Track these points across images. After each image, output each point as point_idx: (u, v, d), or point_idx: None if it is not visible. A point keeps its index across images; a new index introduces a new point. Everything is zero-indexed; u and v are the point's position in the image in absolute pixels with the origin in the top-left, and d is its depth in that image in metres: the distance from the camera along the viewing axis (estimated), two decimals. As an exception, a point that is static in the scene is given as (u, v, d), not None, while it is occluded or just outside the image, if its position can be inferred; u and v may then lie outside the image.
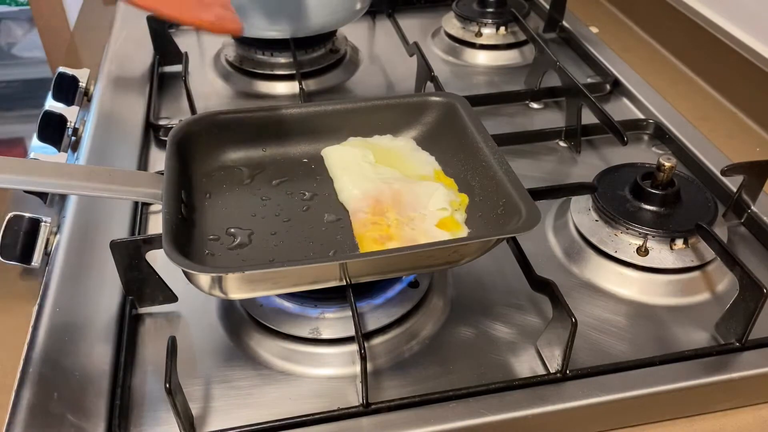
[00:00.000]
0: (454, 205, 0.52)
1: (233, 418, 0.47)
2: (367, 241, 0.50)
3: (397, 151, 0.58)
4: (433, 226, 0.51)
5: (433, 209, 0.52)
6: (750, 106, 0.82)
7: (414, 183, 0.55)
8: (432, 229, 0.50)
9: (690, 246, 0.58)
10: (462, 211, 0.52)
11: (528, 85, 0.85)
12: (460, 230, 0.51)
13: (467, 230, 0.51)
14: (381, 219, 0.52)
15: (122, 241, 0.50)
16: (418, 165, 0.57)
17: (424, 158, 0.58)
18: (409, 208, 0.52)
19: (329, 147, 0.59)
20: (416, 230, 0.51)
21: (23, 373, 0.49)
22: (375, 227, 0.51)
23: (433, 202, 0.52)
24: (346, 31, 0.93)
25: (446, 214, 0.51)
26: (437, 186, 0.54)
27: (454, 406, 0.47)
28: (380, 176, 0.55)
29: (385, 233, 0.50)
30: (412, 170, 0.56)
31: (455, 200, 0.53)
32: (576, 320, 0.46)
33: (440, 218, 0.51)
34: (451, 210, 0.52)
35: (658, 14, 0.98)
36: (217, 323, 0.54)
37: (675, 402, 0.49)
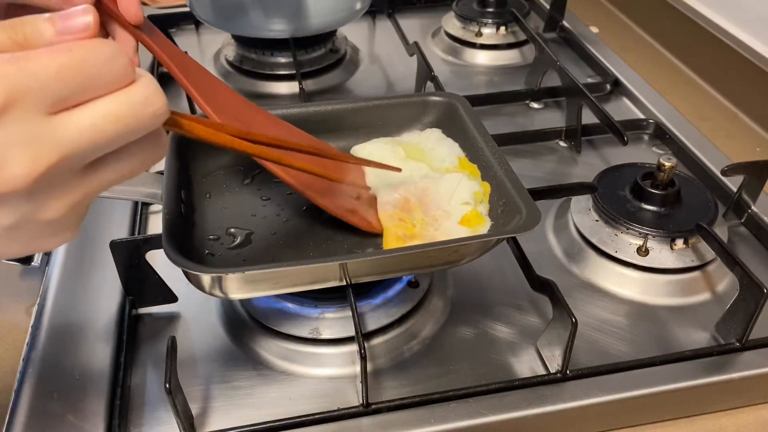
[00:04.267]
0: (478, 196, 0.52)
1: (233, 418, 0.47)
2: (392, 236, 0.50)
3: (423, 145, 0.58)
4: (456, 224, 0.50)
5: (456, 204, 0.52)
6: (750, 106, 0.82)
7: (438, 178, 0.54)
8: (455, 227, 0.50)
9: (690, 246, 0.58)
10: (485, 201, 0.52)
11: (528, 85, 0.85)
12: (483, 224, 0.50)
13: (490, 222, 0.51)
14: (408, 217, 0.52)
15: (122, 241, 0.50)
16: (442, 156, 0.57)
17: (449, 146, 0.57)
18: (434, 206, 0.52)
19: (357, 145, 0.58)
20: (439, 230, 0.50)
21: (23, 373, 0.49)
22: (401, 224, 0.51)
23: (456, 196, 0.52)
24: (346, 31, 0.93)
25: (469, 209, 0.51)
26: (460, 178, 0.53)
27: (454, 406, 0.47)
28: (408, 173, 0.55)
29: (409, 232, 0.50)
30: (439, 162, 0.56)
31: (479, 191, 0.52)
32: (576, 320, 0.46)
33: (464, 214, 0.51)
34: (474, 203, 0.51)
35: (658, 14, 0.98)
36: (217, 323, 0.54)
37: (675, 402, 0.49)
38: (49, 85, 0.27)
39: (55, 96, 0.27)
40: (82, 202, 0.31)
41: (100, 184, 0.31)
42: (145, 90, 0.30)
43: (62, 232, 0.31)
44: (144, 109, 0.29)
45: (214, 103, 0.50)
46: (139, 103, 0.29)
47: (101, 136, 0.29)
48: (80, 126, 0.28)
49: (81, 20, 0.30)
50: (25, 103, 0.27)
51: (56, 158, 0.27)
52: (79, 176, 0.30)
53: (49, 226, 0.30)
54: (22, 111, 0.27)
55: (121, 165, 0.31)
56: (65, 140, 0.28)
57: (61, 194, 0.29)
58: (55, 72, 0.27)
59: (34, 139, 0.27)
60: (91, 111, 0.28)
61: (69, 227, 0.31)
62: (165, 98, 0.30)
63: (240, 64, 0.86)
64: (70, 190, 0.30)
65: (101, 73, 0.28)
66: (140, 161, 0.32)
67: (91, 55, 0.28)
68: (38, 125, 0.27)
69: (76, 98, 0.28)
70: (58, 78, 0.27)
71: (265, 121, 0.54)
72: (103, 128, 0.28)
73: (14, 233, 0.29)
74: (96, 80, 0.28)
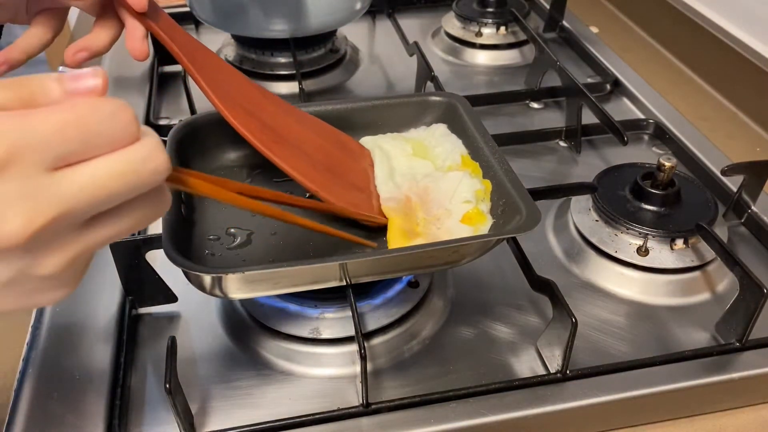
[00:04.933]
0: (479, 194, 0.52)
1: (233, 418, 0.47)
2: (397, 229, 0.50)
3: (428, 142, 0.58)
4: (458, 222, 0.50)
5: (458, 202, 0.52)
6: (750, 106, 0.82)
7: (440, 177, 0.54)
8: (456, 226, 0.50)
9: (690, 246, 0.58)
10: (487, 200, 0.52)
11: (528, 85, 0.85)
12: (485, 222, 0.50)
13: (491, 220, 0.51)
14: (411, 214, 0.52)
15: (122, 241, 0.50)
16: (445, 153, 0.57)
17: (452, 143, 0.57)
18: (435, 205, 0.52)
19: (367, 137, 0.58)
20: (441, 229, 0.50)
21: (23, 373, 0.49)
22: (406, 218, 0.51)
23: (458, 194, 0.52)
24: (346, 31, 0.93)
25: (471, 207, 0.51)
26: (462, 176, 0.53)
27: (454, 406, 0.47)
28: (412, 171, 0.55)
29: (413, 229, 0.50)
30: (441, 160, 0.56)
31: (480, 189, 0.52)
32: (576, 320, 0.46)
33: (465, 212, 0.51)
34: (475, 201, 0.51)
35: (658, 14, 0.98)
36: (217, 323, 0.54)
37: (675, 402, 0.49)
38: (50, 142, 0.27)
39: (56, 153, 0.27)
40: (80, 258, 0.30)
41: (99, 239, 0.31)
42: (146, 147, 0.29)
43: (60, 288, 0.31)
44: (144, 166, 0.29)
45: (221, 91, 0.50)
46: (140, 160, 0.29)
47: (101, 192, 0.28)
48: (80, 182, 0.28)
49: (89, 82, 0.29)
50: (25, 160, 0.26)
51: (54, 214, 0.27)
52: (78, 232, 0.30)
53: (46, 282, 0.30)
54: (22, 167, 0.26)
55: (122, 221, 0.31)
56: (64, 197, 0.27)
57: (58, 250, 0.29)
58: (57, 129, 0.27)
59: (32, 196, 0.27)
60: (92, 168, 0.28)
61: (67, 283, 0.31)
62: (167, 156, 0.30)
63: (240, 64, 0.86)
64: (67, 246, 0.29)
65: (103, 131, 0.28)
66: (141, 217, 0.31)
67: (93, 113, 0.28)
68: (37, 181, 0.27)
69: (77, 155, 0.28)
70: (59, 135, 0.27)
71: (275, 109, 0.54)
72: (103, 185, 0.28)
73: (10, 289, 0.29)
74: (98, 138, 0.28)
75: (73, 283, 0.32)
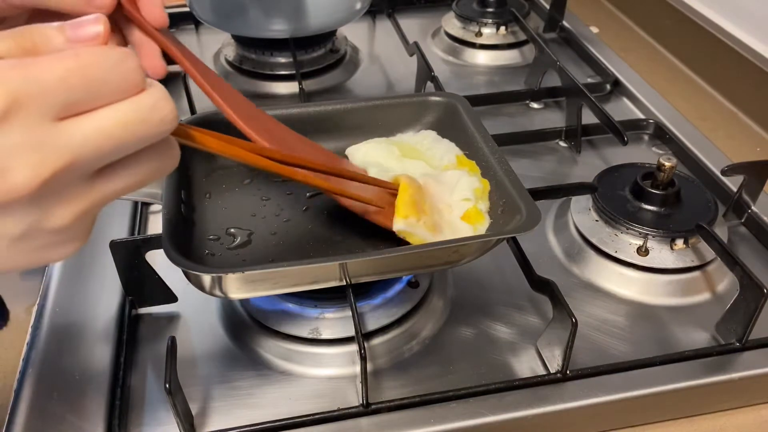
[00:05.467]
0: (478, 193, 0.52)
1: (233, 418, 0.47)
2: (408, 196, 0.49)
3: (419, 146, 0.58)
4: (458, 219, 0.50)
5: (457, 199, 0.52)
6: (750, 106, 0.82)
7: (438, 175, 0.54)
8: (457, 222, 0.50)
9: (690, 246, 0.58)
10: (485, 199, 0.52)
11: (528, 85, 0.85)
12: (483, 221, 0.50)
13: (489, 220, 0.51)
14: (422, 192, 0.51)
15: (122, 241, 0.50)
16: (440, 154, 0.57)
17: (445, 146, 0.57)
18: (436, 200, 0.52)
19: (353, 146, 0.58)
20: (443, 220, 0.50)
21: (23, 373, 0.49)
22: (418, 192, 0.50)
23: (457, 192, 0.52)
24: (346, 31, 0.93)
25: (470, 205, 0.51)
26: (461, 174, 0.53)
27: (454, 406, 0.47)
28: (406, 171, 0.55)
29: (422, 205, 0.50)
30: (437, 161, 0.56)
31: (478, 187, 0.52)
32: (576, 320, 0.46)
33: (465, 210, 0.51)
34: (474, 199, 0.51)
35: (658, 14, 0.98)
36: (217, 323, 0.54)
37: (675, 402, 0.49)
38: (54, 90, 0.27)
39: (60, 102, 0.27)
40: (89, 211, 0.30)
41: (107, 192, 0.30)
42: (153, 97, 0.29)
43: (70, 242, 0.31)
44: (152, 115, 0.29)
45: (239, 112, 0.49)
46: (148, 109, 0.29)
47: (108, 142, 0.28)
48: (86, 132, 0.27)
49: (91, 29, 0.29)
50: (29, 109, 0.26)
51: (61, 164, 0.27)
52: (87, 184, 0.29)
53: (56, 235, 0.30)
54: (26, 117, 0.26)
55: (130, 174, 0.30)
56: (70, 146, 0.27)
57: (67, 202, 0.29)
58: (61, 77, 0.27)
59: (37, 145, 0.26)
60: (98, 117, 0.28)
61: (77, 236, 0.31)
62: (174, 106, 0.30)
63: (240, 64, 0.86)
64: (76, 198, 0.29)
65: (108, 79, 0.28)
66: (150, 170, 0.31)
67: (98, 61, 0.28)
68: (42, 131, 0.27)
69: (82, 105, 0.28)
70: (63, 83, 0.27)
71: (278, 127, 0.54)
72: (110, 134, 0.28)
73: (21, 244, 0.29)
74: (103, 86, 0.28)
75: (83, 238, 0.31)
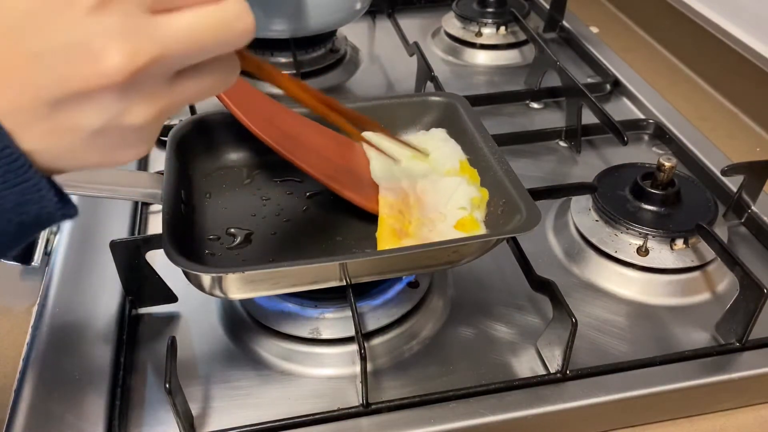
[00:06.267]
0: (475, 202, 0.52)
1: (233, 418, 0.47)
2: (387, 228, 0.50)
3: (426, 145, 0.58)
4: (451, 227, 0.50)
5: (453, 208, 0.52)
6: (750, 106, 0.82)
7: (437, 180, 0.54)
8: (449, 230, 0.50)
9: (690, 246, 0.58)
10: (482, 207, 0.52)
11: (528, 85, 0.85)
12: (478, 230, 0.50)
13: (485, 230, 0.51)
14: (406, 211, 0.51)
15: (122, 241, 0.50)
16: (444, 158, 0.56)
17: (451, 148, 0.57)
18: (430, 208, 0.52)
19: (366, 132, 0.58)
20: (433, 232, 0.50)
21: (23, 373, 0.49)
22: (399, 216, 0.51)
23: (453, 200, 0.52)
24: (346, 31, 0.93)
25: (465, 214, 0.51)
26: (460, 182, 0.53)
27: (454, 406, 0.47)
28: (411, 170, 0.55)
29: (404, 228, 0.50)
30: (440, 164, 0.56)
31: (476, 196, 0.52)
32: (576, 320, 0.46)
33: (459, 218, 0.51)
34: (470, 209, 0.51)
35: (658, 14, 0.98)
36: (217, 323, 0.54)
37: (675, 402, 0.49)
38: None
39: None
40: (164, 112, 0.31)
41: (182, 95, 0.31)
42: (239, 5, 0.30)
43: (140, 144, 0.31)
44: (236, 23, 0.30)
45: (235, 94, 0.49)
46: (232, 17, 0.30)
47: (196, 41, 0.29)
48: (178, 28, 0.28)
49: None
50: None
51: (153, 56, 0.28)
52: (167, 83, 0.30)
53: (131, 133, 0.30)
54: (125, 3, 0.27)
55: (202, 80, 0.31)
56: (164, 39, 0.28)
57: (149, 99, 0.29)
58: None
59: (134, 33, 0.27)
60: (189, 16, 0.29)
61: (148, 139, 0.31)
62: (253, 19, 0.31)
63: (240, 64, 0.86)
64: (157, 97, 0.30)
65: None
66: (217, 81, 0.32)
67: None
68: (139, 20, 0.27)
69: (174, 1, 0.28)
70: None
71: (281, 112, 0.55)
72: (198, 35, 0.29)
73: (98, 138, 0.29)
74: None
75: (150, 142, 0.32)
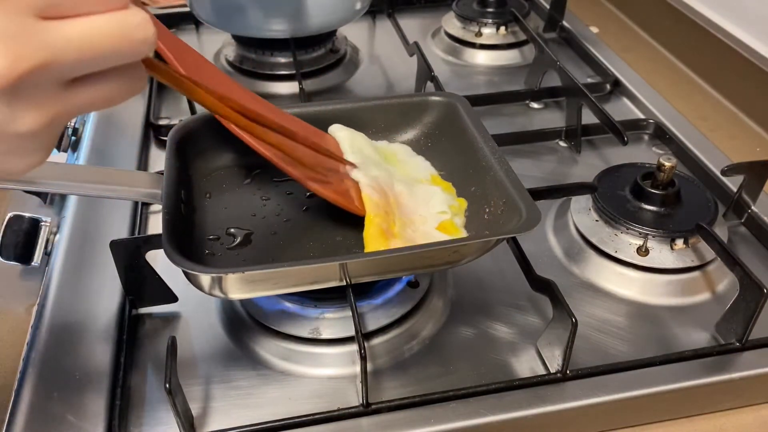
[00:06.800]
0: (454, 209, 0.52)
1: (233, 418, 0.47)
2: (375, 227, 0.49)
3: (395, 155, 0.58)
4: (433, 228, 0.50)
5: (433, 212, 0.52)
6: (750, 106, 0.82)
7: (413, 185, 0.54)
8: (432, 231, 0.50)
9: (690, 246, 0.58)
10: (461, 215, 0.52)
11: (528, 85, 0.85)
12: (459, 234, 0.51)
13: (466, 235, 0.51)
14: (390, 211, 0.51)
15: (122, 241, 0.50)
16: (414, 169, 0.57)
17: (419, 163, 0.58)
18: (409, 211, 0.52)
19: (337, 125, 0.58)
20: (417, 233, 0.50)
21: (23, 373, 0.49)
22: (384, 216, 0.50)
23: (432, 204, 0.52)
24: (346, 31, 0.93)
25: (446, 218, 0.51)
26: (435, 190, 0.54)
27: (454, 406, 0.47)
28: (388, 171, 0.55)
29: (391, 228, 0.50)
30: (412, 174, 0.56)
31: (454, 204, 0.53)
32: (576, 320, 0.46)
33: (440, 221, 0.51)
34: (450, 213, 0.52)
35: (658, 14, 0.98)
36: (217, 323, 0.54)
37: (675, 402, 0.49)
38: None
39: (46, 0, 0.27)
40: (57, 120, 0.30)
41: (77, 103, 0.30)
42: (138, 15, 0.29)
43: (33, 152, 0.30)
44: (136, 32, 0.29)
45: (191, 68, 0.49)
46: (132, 26, 0.29)
47: (89, 49, 0.28)
48: (70, 34, 0.28)
49: None
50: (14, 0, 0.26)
51: (41, 60, 0.27)
52: (59, 91, 0.29)
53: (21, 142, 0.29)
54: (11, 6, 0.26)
55: (100, 88, 0.30)
56: (52, 45, 0.27)
57: (39, 106, 0.29)
58: None
59: (20, 36, 0.26)
60: (83, 24, 0.28)
61: (42, 147, 0.31)
62: (155, 30, 0.30)
63: (240, 64, 0.86)
64: (48, 103, 0.29)
65: None
66: (118, 90, 0.31)
67: None
68: (26, 24, 0.26)
69: (67, 8, 0.28)
70: None
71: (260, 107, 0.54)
72: (92, 42, 0.28)
73: None
74: None
75: (46, 151, 0.31)
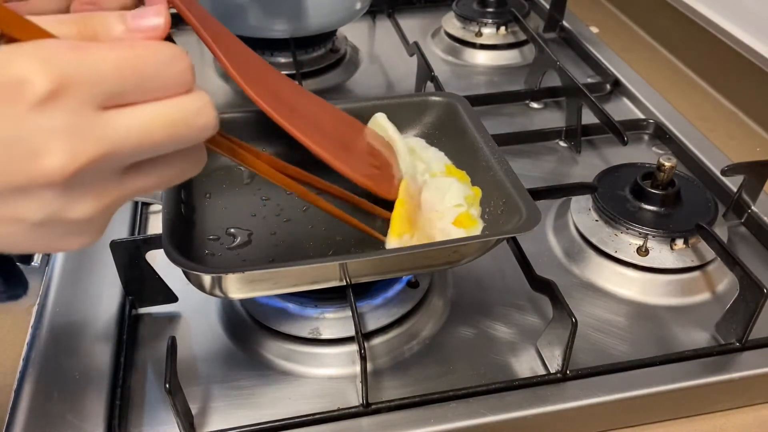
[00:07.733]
0: (469, 200, 0.52)
1: (233, 418, 0.47)
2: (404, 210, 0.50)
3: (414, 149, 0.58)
4: (449, 224, 0.51)
5: (449, 205, 0.52)
6: (750, 106, 0.82)
7: (431, 180, 0.54)
8: (449, 227, 0.50)
9: (690, 246, 0.58)
10: (476, 205, 0.52)
11: (528, 85, 0.85)
12: (476, 225, 0.51)
13: (482, 224, 0.51)
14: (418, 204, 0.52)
15: (122, 241, 0.50)
16: (430, 161, 0.57)
17: (433, 154, 0.58)
18: (428, 207, 0.52)
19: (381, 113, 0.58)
20: (434, 230, 0.50)
21: (23, 373, 0.49)
22: (412, 202, 0.51)
23: (449, 198, 0.52)
24: (346, 31, 0.93)
25: (462, 210, 0.51)
26: (451, 181, 0.54)
27: (454, 406, 0.47)
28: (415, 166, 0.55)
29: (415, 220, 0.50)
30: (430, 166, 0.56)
31: (469, 194, 0.52)
32: (576, 320, 0.46)
33: (456, 215, 0.51)
34: (466, 206, 0.52)
35: (658, 14, 0.98)
36: (217, 323, 0.54)
37: (675, 402, 0.49)
38: (105, 78, 0.26)
39: (108, 90, 0.27)
40: (113, 206, 0.30)
41: (134, 189, 0.30)
42: (200, 100, 0.29)
43: (87, 234, 0.30)
44: (196, 119, 0.29)
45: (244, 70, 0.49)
46: (192, 112, 0.29)
47: (149, 139, 0.28)
48: (129, 125, 0.27)
49: (153, 21, 0.29)
50: (77, 93, 0.26)
51: (98, 154, 0.26)
52: (116, 178, 0.29)
53: (75, 226, 0.29)
54: (72, 101, 0.26)
55: (159, 173, 0.30)
56: (111, 137, 0.27)
57: (95, 194, 0.28)
58: (114, 66, 0.27)
59: (78, 131, 0.26)
60: (143, 112, 0.28)
61: (96, 230, 0.30)
62: (217, 113, 0.30)
63: (240, 64, 0.86)
64: (104, 192, 0.29)
65: (159, 75, 0.28)
66: (178, 172, 0.31)
67: (152, 55, 0.28)
68: (86, 118, 0.26)
69: (130, 96, 0.27)
70: (115, 72, 0.27)
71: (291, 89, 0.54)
72: (152, 131, 0.28)
73: (40, 230, 0.28)
74: (153, 81, 0.28)
75: (99, 232, 0.31)
